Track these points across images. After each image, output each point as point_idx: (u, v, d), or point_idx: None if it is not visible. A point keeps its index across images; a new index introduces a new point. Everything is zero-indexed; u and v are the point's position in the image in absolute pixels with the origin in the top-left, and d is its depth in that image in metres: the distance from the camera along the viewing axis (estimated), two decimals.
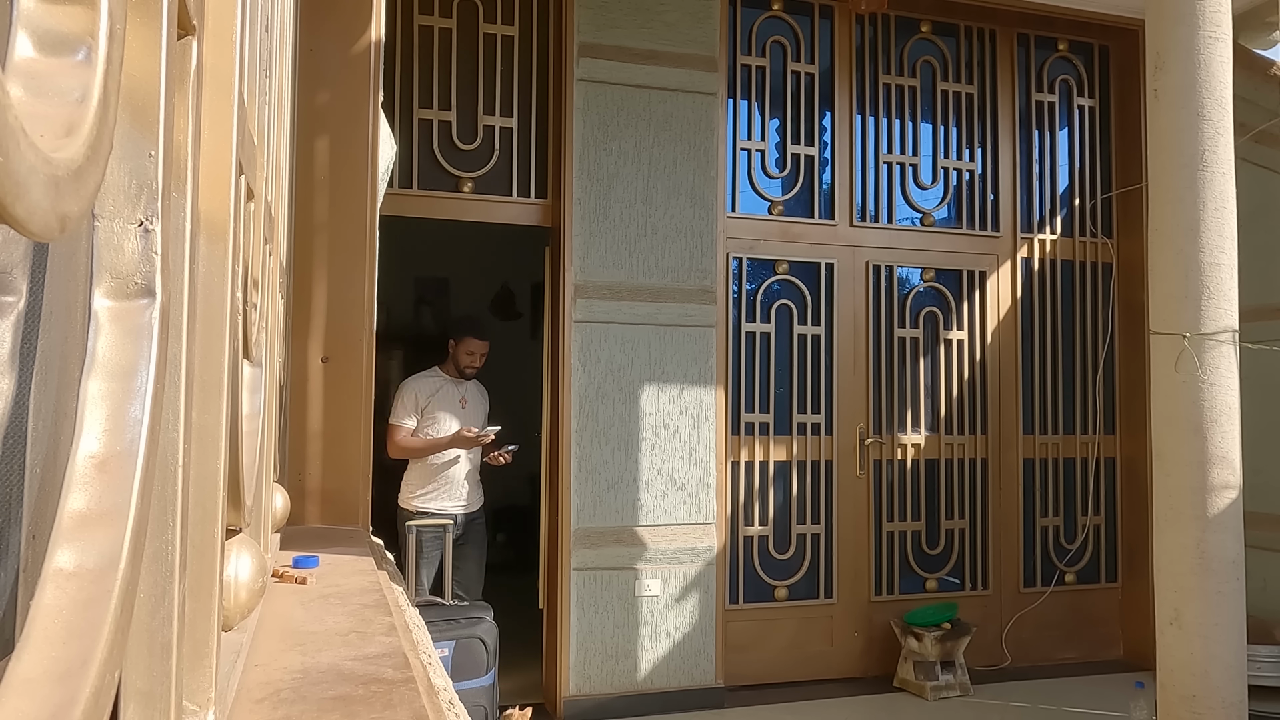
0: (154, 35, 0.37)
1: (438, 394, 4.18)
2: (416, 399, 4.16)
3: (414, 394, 4.17)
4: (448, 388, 4.23)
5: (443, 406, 4.17)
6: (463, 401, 4.23)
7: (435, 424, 4.13)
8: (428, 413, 4.15)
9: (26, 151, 0.23)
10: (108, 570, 0.32)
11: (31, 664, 0.29)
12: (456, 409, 4.21)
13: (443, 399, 4.18)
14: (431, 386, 4.19)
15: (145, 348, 0.36)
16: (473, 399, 4.30)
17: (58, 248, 0.38)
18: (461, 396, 4.24)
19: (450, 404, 4.20)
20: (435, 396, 4.16)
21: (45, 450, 0.39)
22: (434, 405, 4.15)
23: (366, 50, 2.32)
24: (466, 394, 4.27)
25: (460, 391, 4.25)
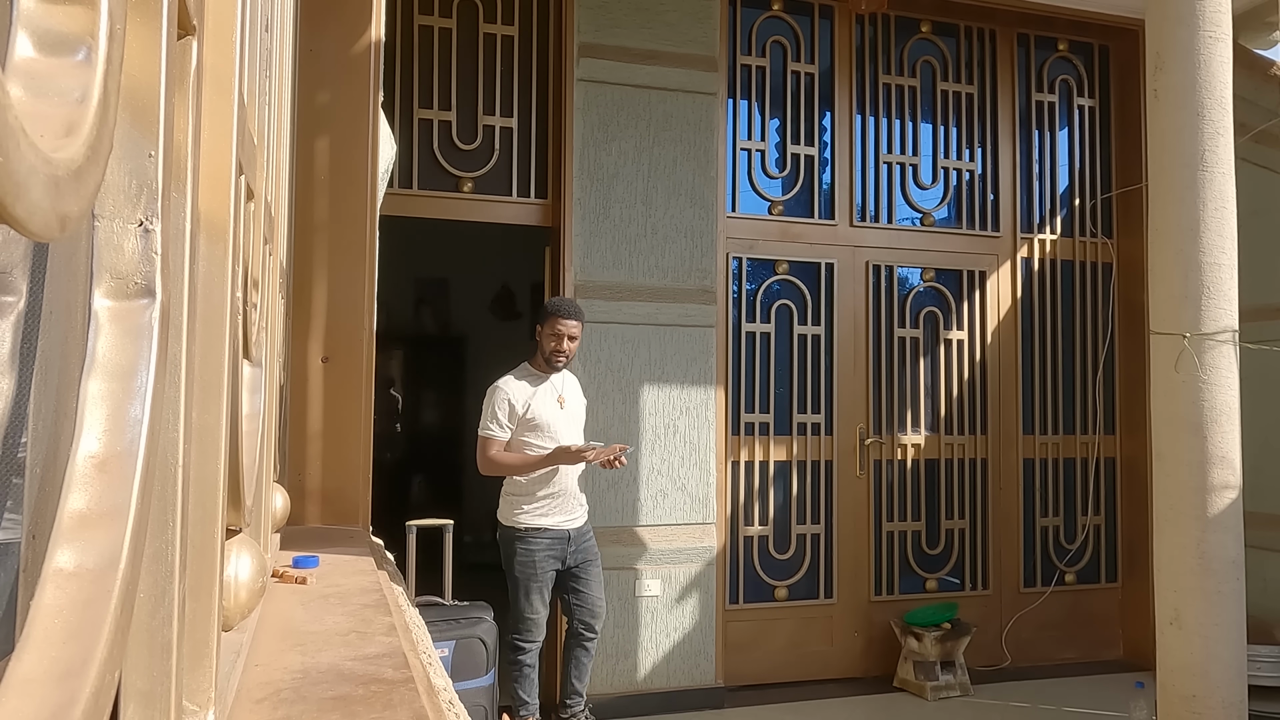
0: (154, 35, 0.37)
1: (535, 396, 3.58)
2: (511, 404, 3.56)
3: (507, 398, 3.56)
4: (543, 387, 3.62)
5: (540, 411, 3.57)
6: (560, 401, 3.64)
7: (536, 431, 3.55)
8: (525, 420, 3.55)
9: (26, 151, 0.23)
10: (108, 570, 0.32)
11: (31, 664, 0.29)
12: (555, 411, 3.62)
13: (540, 402, 3.58)
14: (527, 388, 3.59)
15: (145, 348, 0.36)
16: (570, 396, 3.71)
17: (58, 248, 0.38)
18: (559, 395, 3.64)
19: (548, 406, 3.60)
20: (533, 400, 3.57)
21: (45, 450, 0.39)
22: (532, 410, 3.56)
23: (366, 50, 2.32)
24: (564, 390, 3.67)
25: (556, 389, 3.65)
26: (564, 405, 3.64)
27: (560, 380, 3.67)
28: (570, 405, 3.67)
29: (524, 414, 3.54)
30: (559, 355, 3.57)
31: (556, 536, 3.56)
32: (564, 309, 3.60)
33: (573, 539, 3.59)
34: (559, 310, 3.59)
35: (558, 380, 3.66)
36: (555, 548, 3.55)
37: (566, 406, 3.65)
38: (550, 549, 3.54)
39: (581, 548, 3.62)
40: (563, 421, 3.61)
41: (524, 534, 3.54)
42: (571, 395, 3.71)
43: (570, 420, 3.65)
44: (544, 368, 3.61)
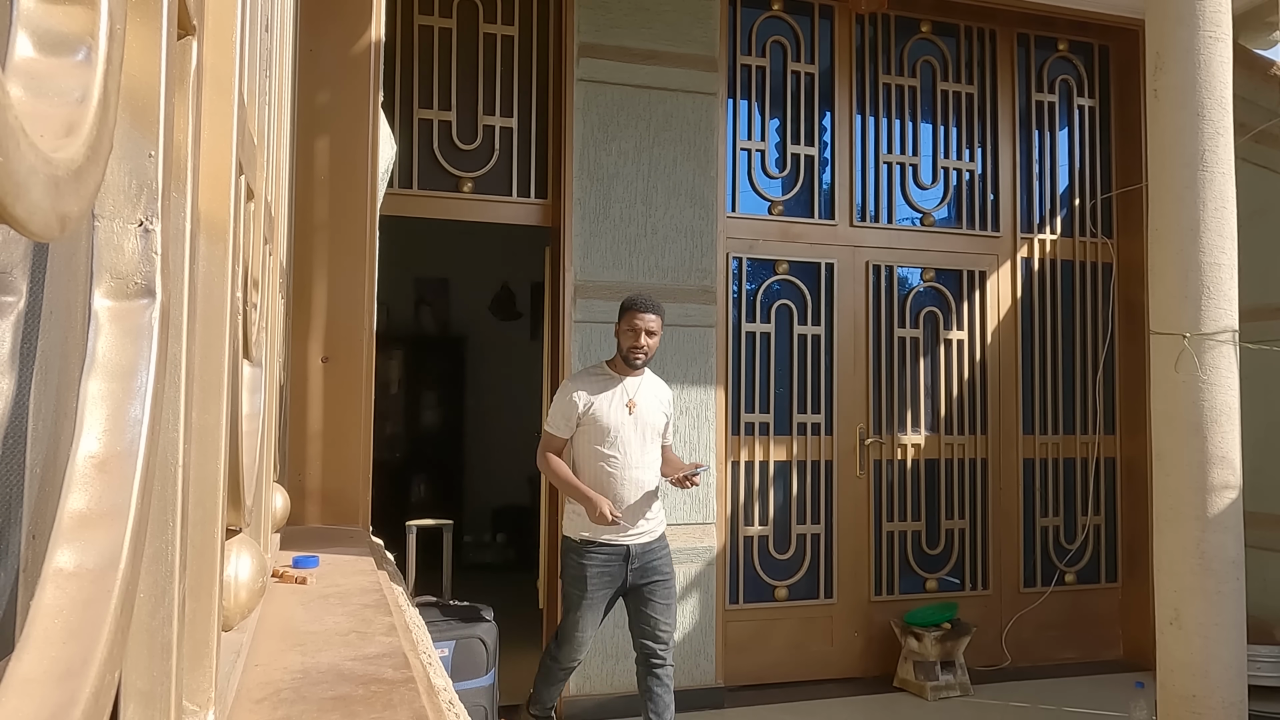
0: (154, 35, 0.37)
1: (599, 398, 3.28)
2: (574, 402, 3.28)
3: (570, 395, 3.30)
4: (612, 389, 3.31)
5: (603, 414, 3.27)
6: (630, 405, 3.30)
7: (597, 436, 3.27)
8: (586, 422, 3.27)
9: (26, 151, 0.23)
10: (108, 570, 0.32)
11: (31, 664, 0.29)
12: (619, 416, 3.29)
13: (604, 404, 3.28)
14: (592, 388, 3.30)
15: (145, 348, 0.36)
16: (645, 401, 3.35)
17: (58, 248, 0.38)
18: (629, 399, 3.30)
19: (613, 410, 3.28)
20: (596, 401, 3.27)
21: (45, 450, 0.39)
22: (594, 412, 3.27)
23: (366, 50, 2.32)
24: (637, 395, 3.33)
25: (627, 392, 3.31)
26: (633, 411, 3.30)
27: (636, 384, 3.34)
28: (642, 412, 3.32)
29: (584, 415, 3.26)
30: (636, 353, 3.27)
31: (613, 552, 3.25)
32: (640, 302, 3.30)
33: (634, 555, 3.27)
34: (634, 304, 3.30)
35: (632, 384, 3.33)
36: (610, 565, 3.25)
37: (636, 413, 3.30)
38: (604, 566, 3.25)
39: (648, 565, 3.29)
40: (629, 429, 3.28)
41: (577, 546, 3.28)
42: (646, 402, 3.35)
43: (639, 429, 3.30)
44: (621, 368, 3.32)
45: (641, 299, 3.32)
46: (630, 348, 3.26)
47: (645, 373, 3.38)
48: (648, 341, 3.26)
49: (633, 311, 3.27)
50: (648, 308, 3.27)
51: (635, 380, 3.35)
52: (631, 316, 3.26)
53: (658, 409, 3.38)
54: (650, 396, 3.37)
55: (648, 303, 3.29)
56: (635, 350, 3.26)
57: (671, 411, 3.48)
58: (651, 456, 3.35)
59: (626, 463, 3.28)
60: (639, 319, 3.25)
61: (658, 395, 3.41)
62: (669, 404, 3.46)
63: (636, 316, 3.26)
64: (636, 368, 3.31)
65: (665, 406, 3.42)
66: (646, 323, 3.26)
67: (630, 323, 3.26)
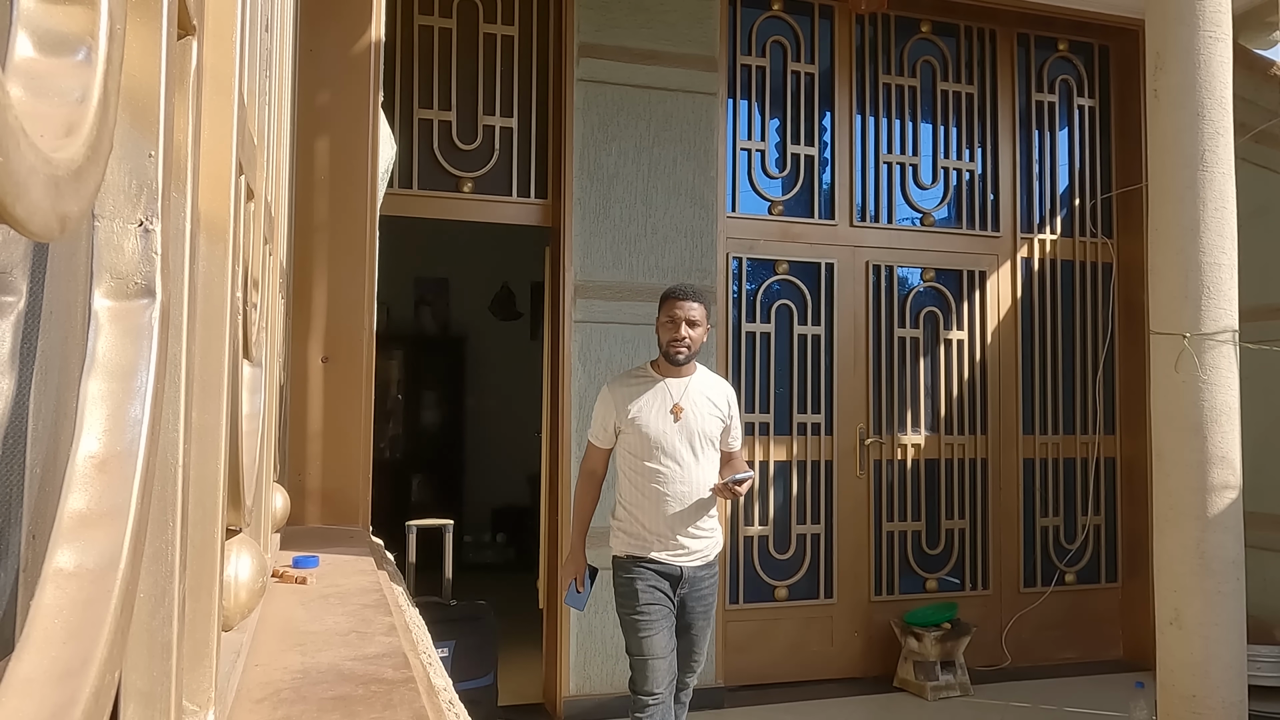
0: (154, 35, 0.37)
1: (637, 402, 2.93)
2: (614, 408, 2.96)
3: (609, 401, 2.98)
4: (651, 392, 2.95)
5: (643, 420, 2.91)
6: (675, 411, 2.92)
7: (639, 445, 2.92)
8: (627, 429, 2.94)
9: (26, 151, 0.23)
10: (108, 570, 0.32)
11: (31, 664, 0.29)
12: (662, 424, 2.92)
13: (644, 409, 2.92)
14: (631, 392, 2.96)
15: (145, 348, 0.36)
16: (695, 404, 2.96)
17: (58, 248, 0.38)
18: (673, 403, 2.93)
19: (653, 417, 2.93)
20: (634, 406, 2.93)
21: (45, 450, 0.39)
22: (632, 418, 2.93)
23: (366, 50, 2.32)
24: (685, 397, 2.94)
25: (671, 395, 2.94)
26: (680, 417, 2.92)
27: (682, 385, 2.96)
28: (691, 418, 2.93)
29: (624, 422, 2.93)
30: (677, 346, 2.90)
31: (662, 572, 2.91)
32: (678, 290, 2.98)
33: (685, 580, 2.93)
34: (673, 292, 2.98)
35: (676, 385, 2.96)
36: (661, 584, 2.91)
37: (684, 419, 2.92)
38: (655, 583, 2.90)
39: (697, 593, 2.97)
40: (675, 438, 2.90)
41: (624, 563, 2.96)
42: (697, 405, 2.95)
43: (687, 437, 2.92)
44: (663, 367, 2.98)
45: (681, 287, 3.01)
46: (670, 341, 2.89)
47: (695, 369, 3.00)
48: (689, 333, 2.89)
49: (671, 300, 2.92)
50: (687, 294, 2.92)
51: (681, 381, 2.96)
52: (670, 306, 2.91)
53: (711, 413, 2.96)
54: (701, 398, 2.96)
55: (687, 289, 2.96)
56: (676, 344, 2.88)
57: (734, 412, 3.06)
58: (706, 469, 2.94)
59: (674, 477, 2.88)
60: (678, 307, 2.89)
61: (711, 396, 2.99)
62: (729, 404, 3.04)
63: (676, 305, 2.90)
64: (679, 364, 2.92)
65: (723, 408, 3.00)
66: (687, 311, 2.89)
67: (669, 313, 2.91)
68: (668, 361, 2.94)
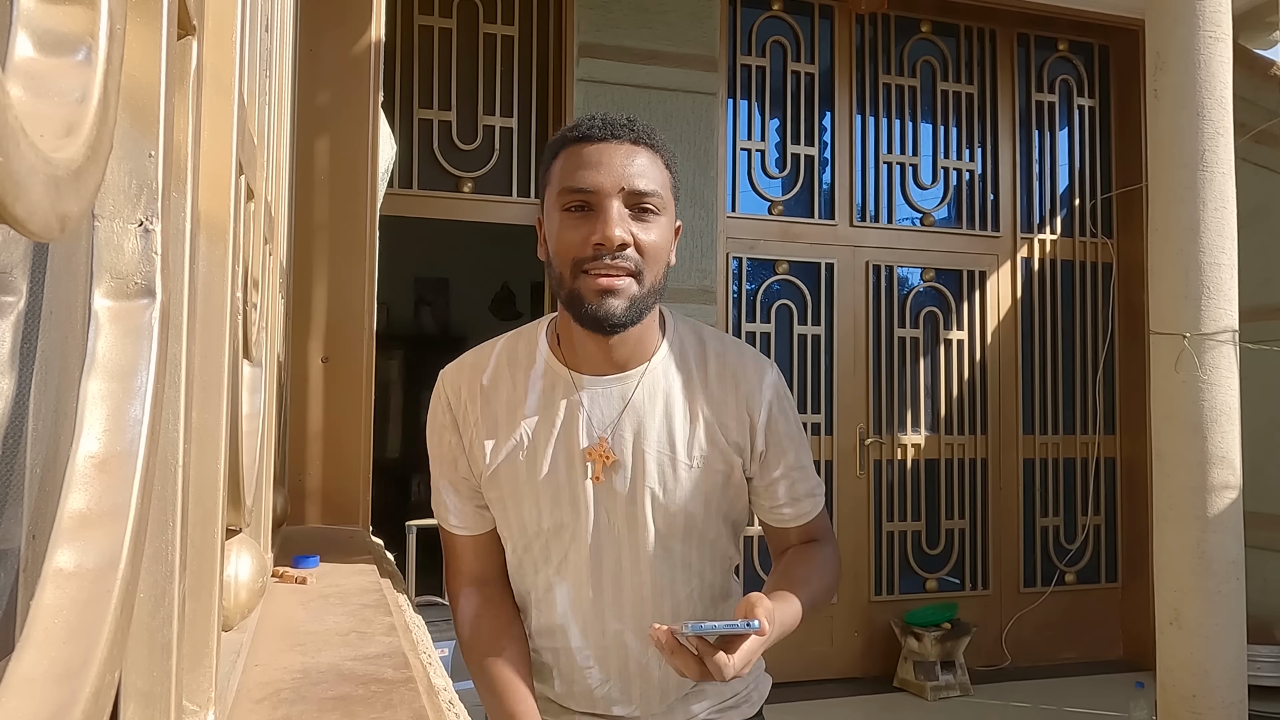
0: (154, 35, 0.37)
1: (511, 424, 1.31)
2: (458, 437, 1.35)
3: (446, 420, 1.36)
4: (544, 402, 1.32)
5: (513, 473, 1.30)
6: (593, 459, 1.29)
7: (509, 525, 1.34)
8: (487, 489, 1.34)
9: (26, 151, 0.23)
10: (108, 570, 0.32)
11: (31, 664, 0.29)
12: (564, 481, 1.29)
13: (518, 446, 1.30)
14: (497, 394, 1.33)
15: (145, 348, 0.36)
16: (646, 436, 1.30)
17: (58, 248, 0.38)
18: (590, 442, 1.29)
19: (541, 461, 1.29)
20: (506, 434, 1.31)
21: (45, 450, 0.39)
22: (498, 468, 1.32)
23: (366, 50, 2.32)
24: (626, 418, 1.30)
25: (592, 413, 1.30)
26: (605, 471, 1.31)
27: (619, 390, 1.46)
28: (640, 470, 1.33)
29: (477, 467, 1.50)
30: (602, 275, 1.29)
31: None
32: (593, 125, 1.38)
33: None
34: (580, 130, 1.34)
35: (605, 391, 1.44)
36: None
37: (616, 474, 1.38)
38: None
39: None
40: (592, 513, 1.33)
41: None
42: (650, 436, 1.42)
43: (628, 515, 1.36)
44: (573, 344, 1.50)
45: (603, 118, 1.27)
46: (584, 265, 1.20)
47: (659, 342, 1.34)
48: (636, 236, 1.21)
49: (578, 145, 1.24)
50: (620, 132, 1.25)
51: (616, 382, 1.31)
52: (577, 159, 1.23)
53: (696, 444, 1.31)
54: (672, 413, 1.31)
55: (615, 123, 1.25)
56: (600, 273, 1.20)
57: (776, 424, 1.34)
58: (687, 579, 1.36)
59: (602, 612, 1.32)
60: (600, 162, 1.22)
61: (706, 401, 1.32)
62: (759, 408, 1.33)
63: (590, 153, 1.22)
64: (614, 327, 1.22)
65: (736, 422, 1.32)
66: (624, 173, 1.22)
67: (576, 178, 1.21)
68: (581, 326, 1.24)
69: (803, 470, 1.38)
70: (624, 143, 1.25)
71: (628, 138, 1.25)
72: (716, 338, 1.40)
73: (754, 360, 1.37)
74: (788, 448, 1.35)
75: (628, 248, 1.21)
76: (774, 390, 1.35)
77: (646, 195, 1.22)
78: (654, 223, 1.24)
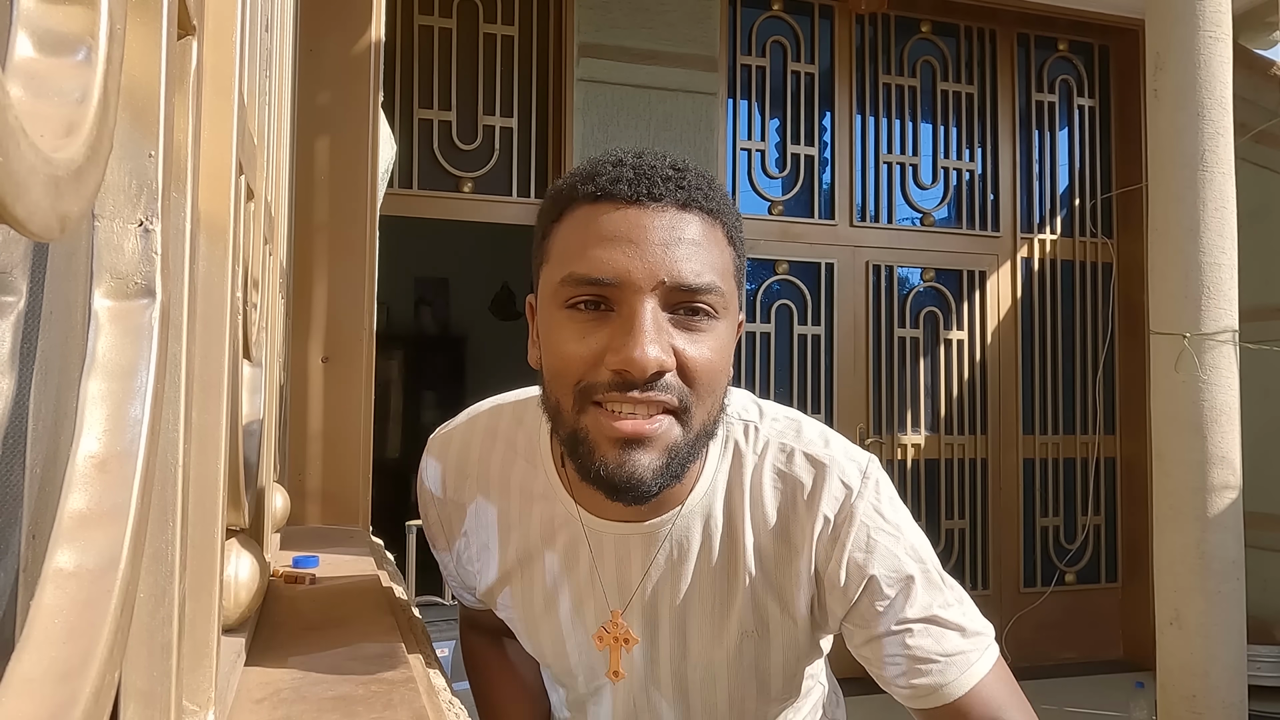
0: (154, 35, 0.37)
1: (520, 569, 1.01)
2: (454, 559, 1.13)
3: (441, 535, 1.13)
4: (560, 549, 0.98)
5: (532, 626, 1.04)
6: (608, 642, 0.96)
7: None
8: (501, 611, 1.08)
9: (26, 151, 0.23)
10: (108, 570, 0.32)
11: (31, 664, 0.29)
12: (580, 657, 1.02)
13: (535, 598, 1.01)
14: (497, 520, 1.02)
15: (145, 348, 0.36)
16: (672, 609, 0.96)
17: (58, 248, 0.38)
18: (604, 620, 0.96)
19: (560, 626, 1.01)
20: (516, 578, 1.02)
21: (45, 450, 0.39)
22: (512, 612, 1.06)
23: (366, 50, 2.32)
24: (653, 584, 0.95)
25: (609, 579, 0.95)
26: (622, 667, 1.04)
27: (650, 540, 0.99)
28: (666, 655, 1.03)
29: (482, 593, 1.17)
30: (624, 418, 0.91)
31: None
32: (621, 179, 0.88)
33: None
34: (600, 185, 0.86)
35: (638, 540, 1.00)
36: None
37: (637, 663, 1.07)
38: None
39: None
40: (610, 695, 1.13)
41: None
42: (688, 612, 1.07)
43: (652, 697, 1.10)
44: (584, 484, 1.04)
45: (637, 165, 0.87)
46: (602, 394, 0.80)
47: (700, 469, 0.93)
48: (682, 353, 0.80)
49: (605, 205, 0.82)
50: (661, 193, 0.83)
51: (647, 529, 0.93)
52: (589, 221, 0.83)
53: (752, 613, 0.95)
54: (715, 567, 0.94)
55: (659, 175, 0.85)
56: (620, 413, 0.80)
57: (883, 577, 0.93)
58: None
59: None
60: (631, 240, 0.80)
61: (763, 551, 0.94)
62: (845, 566, 0.92)
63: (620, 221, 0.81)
64: (637, 497, 0.82)
65: (809, 587, 0.94)
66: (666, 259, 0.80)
67: (583, 259, 0.81)
68: (588, 484, 0.86)
69: (915, 629, 0.91)
70: (667, 207, 0.82)
71: (673, 199, 0.82)
72: (784, 455, 0.93)
73: (837, 484, 0.92)
74: (884, 608, 0.92)
75: (666, 373, 0.79)
76: (862, 527, 0.91)
77: (700, 293, 0.80)
78: (709, 331, 0.81)
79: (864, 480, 0.93)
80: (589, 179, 0.85)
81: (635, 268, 0.79)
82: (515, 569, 1.01)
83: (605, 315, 0.81)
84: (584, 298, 0.81)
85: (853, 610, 0.94)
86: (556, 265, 0.84)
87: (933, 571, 0.94)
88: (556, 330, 0.83)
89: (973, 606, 0.96)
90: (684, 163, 0.89)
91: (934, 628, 0.92)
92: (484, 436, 1.05)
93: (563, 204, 0.86)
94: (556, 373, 0.83)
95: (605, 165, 0.86)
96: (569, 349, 0.81)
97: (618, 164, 0.86)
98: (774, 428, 0.96)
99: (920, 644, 0.92)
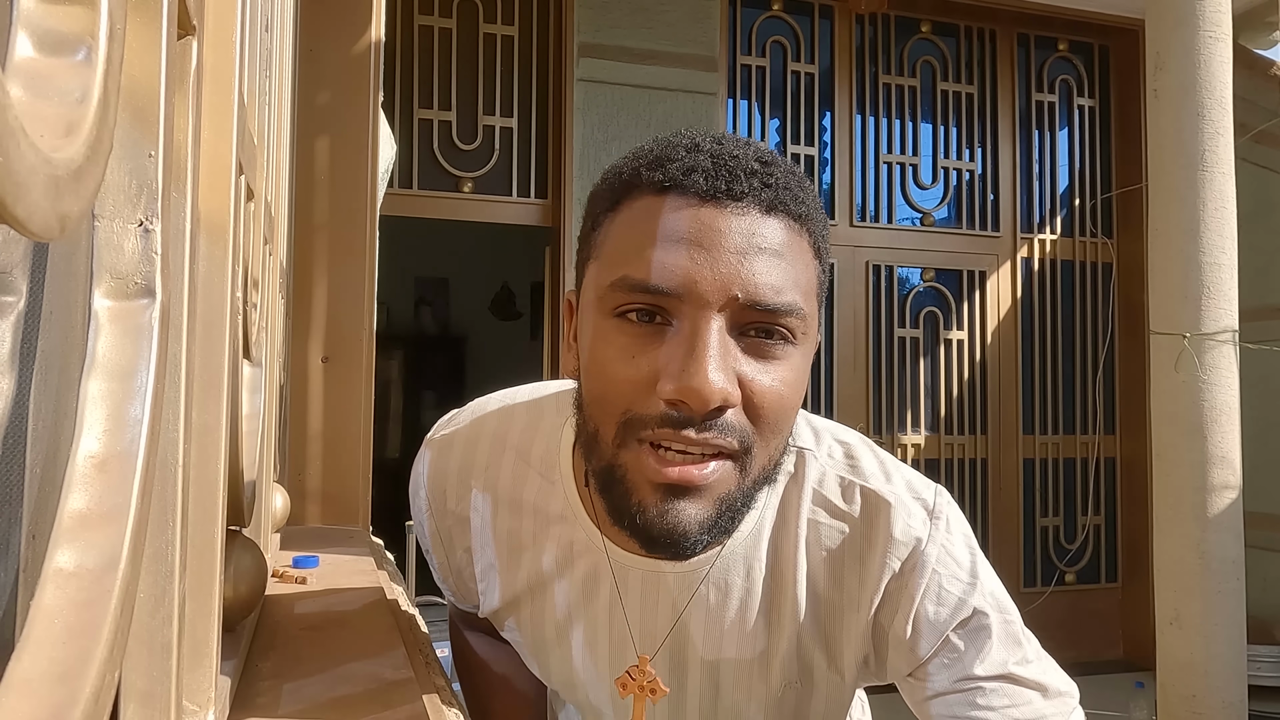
0: (154, 35, 0.37)
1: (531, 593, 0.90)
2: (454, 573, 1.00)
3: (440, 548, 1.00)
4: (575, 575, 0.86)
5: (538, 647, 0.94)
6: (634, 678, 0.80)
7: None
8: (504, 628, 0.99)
9: (26, 151, 0.23)
10: (108, 570, 0.32)
11: (31, 664, 0.29)
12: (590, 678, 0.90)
13: (543, 621, 0.91)
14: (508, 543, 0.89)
15: (145, 348, 0.36)
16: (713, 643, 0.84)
17: (58, 248, 0.38)
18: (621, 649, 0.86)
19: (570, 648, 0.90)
20: (525, 601, 0.91)
21: (45, 450, 0.39)
22: (519, 634, 0.95)
23: (366, 50, 2.32)
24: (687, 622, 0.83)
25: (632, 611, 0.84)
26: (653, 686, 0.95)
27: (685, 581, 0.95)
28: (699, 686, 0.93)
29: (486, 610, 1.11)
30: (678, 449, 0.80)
31: None
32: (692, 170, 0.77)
33: None
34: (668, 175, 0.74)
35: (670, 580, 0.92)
36: None
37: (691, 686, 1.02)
38: None
39: None
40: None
41: None
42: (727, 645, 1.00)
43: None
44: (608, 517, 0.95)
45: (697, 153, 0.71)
46: (649, 429, 0.68)
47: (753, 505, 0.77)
48: (751, 384, 0.68)
49: (659, 198, 0.69)
50: (738, 191, 0.68)
51: (667, 572, 0.82)
52: (651, 214, 0.69)
53: (796, 665, 0.87)
54: (756, 613, 0.83)
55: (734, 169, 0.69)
56: (670, 453, 0.68)
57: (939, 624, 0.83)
58: None
59: None
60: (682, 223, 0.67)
61: (818, 597, 0.84)
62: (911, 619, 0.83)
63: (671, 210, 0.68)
64: (679, 553, 0.71)
65: (862, 641, 0.87)
66: (726, 267, 0.67)
67: (641, 261, 0.68)
68: (621, 529, 0.74)
69: (986, 688, 0.81)
70: (749, 209, 0.68)
71: (756, 200, 0.69)
72: (841, 490, 0.83)
73: (903, 527, 0.81)
74: (951, 661, 0.82)
75: (730, 408, 0.68)
76: (934, 576, 0.81)
77: (778, 313, 0.68)
78: (785, 359, 0.70)
79: (933, 521, 0.82)
80: (657, 165, 0.71)
81: (704, 277, 0.66)
82: (525, 595, 0.89)
83: (660, 329, 0.68)
84: (638, 306, 0.68)
85: (919, 667, 0.84)
86: (608, 265, 0.71)
87: (1014, 623, 0.84)
88: (601, 343, 0.70)
89: (1053, 664, 0.86)
90: (772, 154, 0.73)
91: (1009, 686, 0.81)
92: (492, 443, 0.91)
93: (621, 192, 0.72)
94: (598, 397, 0.71)
95: (678, 150, 0.71)
96: (615, 370, 0.68)
97: (693, 149, 0.71)
98: (830, 456, 0.84)
99: (993, 704, 0.80)
